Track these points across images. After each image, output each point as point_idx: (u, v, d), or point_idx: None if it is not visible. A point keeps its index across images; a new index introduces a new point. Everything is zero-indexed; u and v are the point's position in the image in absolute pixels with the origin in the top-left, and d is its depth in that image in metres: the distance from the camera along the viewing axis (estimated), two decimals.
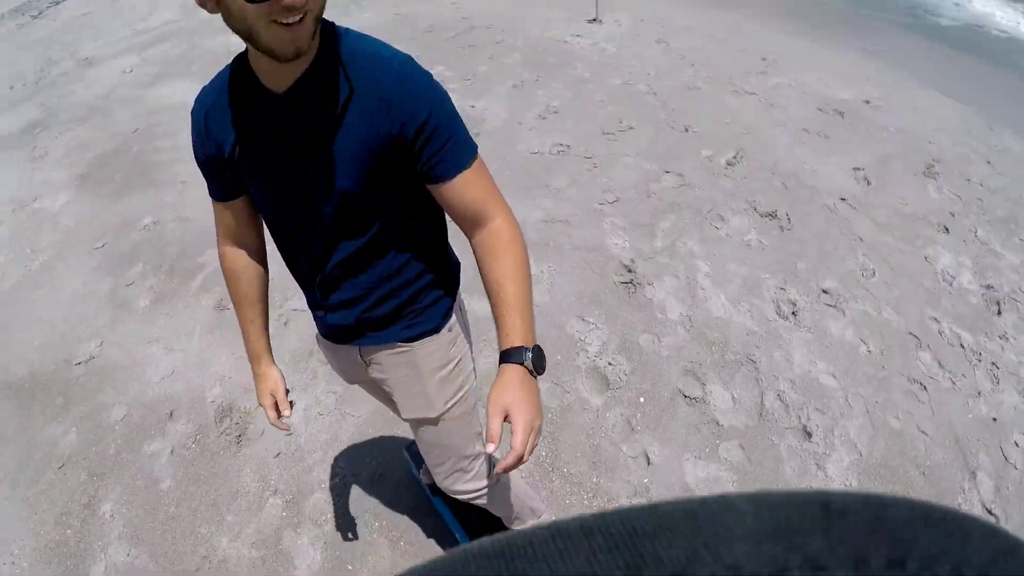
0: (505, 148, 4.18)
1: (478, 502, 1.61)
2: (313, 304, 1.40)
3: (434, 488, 2.16)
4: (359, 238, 1.22)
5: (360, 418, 2.63)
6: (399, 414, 1.52)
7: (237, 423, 2.67)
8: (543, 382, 2.54)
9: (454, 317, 1.38)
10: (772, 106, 4.65)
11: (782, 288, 3.04)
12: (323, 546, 2.25)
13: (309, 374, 2.83)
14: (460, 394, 1.41)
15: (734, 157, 4.00)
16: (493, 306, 1.15)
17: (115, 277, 3.50)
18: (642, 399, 2.59)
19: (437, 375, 1.36)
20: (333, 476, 2.45)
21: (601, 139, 4.24)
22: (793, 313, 2.92)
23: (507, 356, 1.10)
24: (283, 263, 1.40)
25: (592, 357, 2.75)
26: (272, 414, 1.46)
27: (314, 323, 1.48)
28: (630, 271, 3.14)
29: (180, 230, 3.79)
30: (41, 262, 3.71)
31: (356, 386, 1.70)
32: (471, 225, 1.18)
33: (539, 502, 1.93)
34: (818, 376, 2.67)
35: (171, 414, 2.73)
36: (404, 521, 2.30)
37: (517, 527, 1.86)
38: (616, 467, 2.39)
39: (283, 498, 2.40)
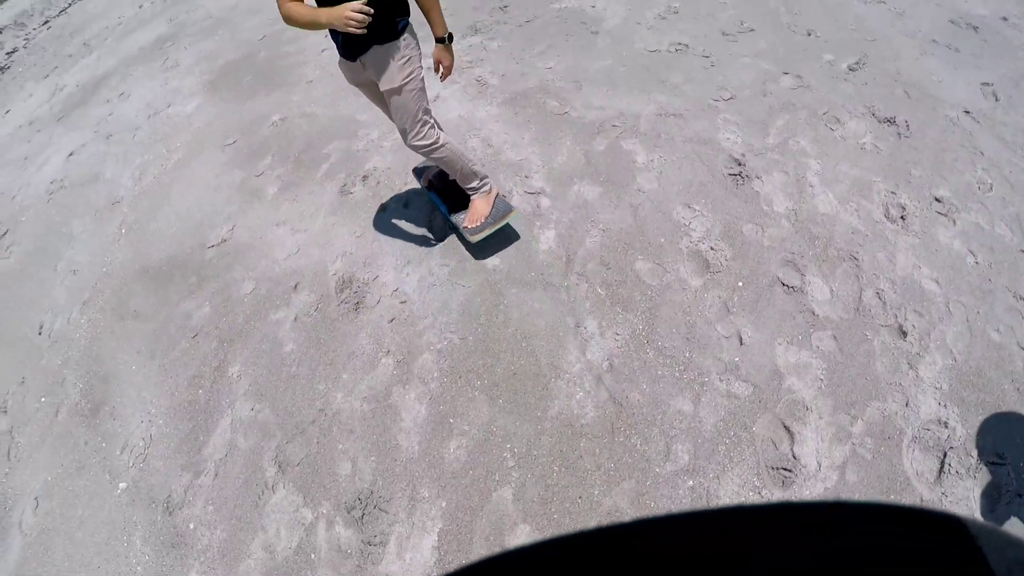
0: (622, 46, 4.17)
1: (434, 157, 2.53)
2: (342, 47, 2.32)
3: (430, 185, 3.09)
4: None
5: (469, 289, 2.83)
6: (381, 93, 2.43)
7: (356, 292, 2.91)
8: (645, 263, 2.82)
9: (407, 34, 2.30)
10: (902, 15, 4.35)
11: (893, 192, 3.00)
12: (428, 401, 2.48)
13: (424, 249, 3.04)
14: (411, 76, 2.32)
15: (856, 63, 3.84)
16: (428, 22, 2.31)
17: (245, 170, 3.75)
18: (740, 283, 2.70)
19: (397, 62, 2.28)
20: (441, 340, 2.67)
21: (720, 40, 4.15)
22: (902, 217, 2.90)
23: (438, 41, 2.37)
24: None
25: (695, 241, 2.86)
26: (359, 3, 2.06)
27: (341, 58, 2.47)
28: (739, 164, 3.17)
29: (306, 125, 4.00)
30: (176, 160, 3.98)
31: (467, 263, 2.90)
32: None
33: (479, 167, 2.76)
34: (920, 280, 2.67)
35: (295, 286, 2.99)
36: (504, 382, 2.50)
37: (467, 185, 2.75)
38: (708, 344, 2.51)
39: (394, 358, 2.63)
